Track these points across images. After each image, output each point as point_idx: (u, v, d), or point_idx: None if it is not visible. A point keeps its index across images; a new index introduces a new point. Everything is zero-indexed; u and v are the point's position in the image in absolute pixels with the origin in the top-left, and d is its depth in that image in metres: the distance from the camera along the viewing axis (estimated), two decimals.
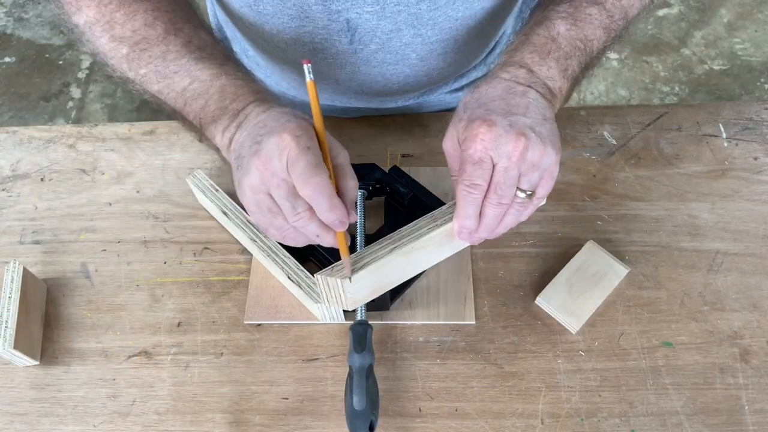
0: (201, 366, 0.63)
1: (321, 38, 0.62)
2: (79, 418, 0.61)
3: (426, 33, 0.62)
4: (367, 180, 0.67)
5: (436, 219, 0.54)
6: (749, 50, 2.11)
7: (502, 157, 0.46)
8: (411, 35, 0.62)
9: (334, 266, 0.52)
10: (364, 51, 0.63)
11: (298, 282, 0.62)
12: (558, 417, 0.59)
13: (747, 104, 0.80)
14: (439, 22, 0.61)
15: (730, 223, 0.70)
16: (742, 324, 0.64)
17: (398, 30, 0.61)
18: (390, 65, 0.66)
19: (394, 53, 0.64)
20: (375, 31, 0.61)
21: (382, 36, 0.61)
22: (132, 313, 0.66)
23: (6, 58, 2.18)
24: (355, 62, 0.65)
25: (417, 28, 0.61)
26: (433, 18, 0.60)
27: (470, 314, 0.64)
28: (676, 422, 0.59)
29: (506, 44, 0.55)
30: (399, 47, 0.63)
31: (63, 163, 0.77)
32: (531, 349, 0.63)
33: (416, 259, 0.55)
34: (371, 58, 0.64)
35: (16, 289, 0.62)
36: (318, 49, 0.63)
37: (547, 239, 0.69)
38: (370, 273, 0.52)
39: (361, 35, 0.61)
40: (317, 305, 0.61)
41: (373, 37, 0.62)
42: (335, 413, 0.60)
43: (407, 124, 0.79)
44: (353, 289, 0.53)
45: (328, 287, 0.54)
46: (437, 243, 0.55)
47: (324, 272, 0.52)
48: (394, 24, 0.60)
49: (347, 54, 0.64)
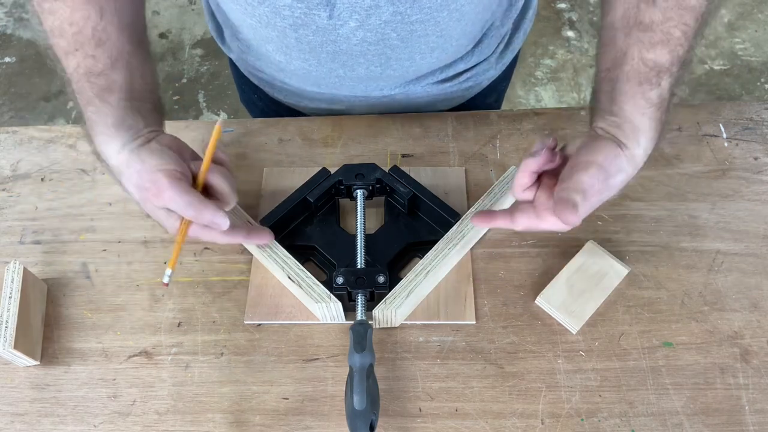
0: (201, 366, 0.63)
1: (300, 12, 0.62)
2: (80, 418, 0.61)
3: (406, 11, 0.62)
4: (367, 180, 0.68)
5: (452, 240, 0.65)
6: (749, 50, 2.11)
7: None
8: (390, 13, 0.62)
9: (386, 299, 0.61)
10: (343, 27, 0.64)
11: (299, 282, 0.62)
12: (558, 417, 0.59)
13: (747, 104, 0.80)
14: (418, 0, 0.61)
15: (731, 223, 0.70)
16: (742, 324, 0.64)
17: (377, 6, 0.61)
18: (371, 45, 0.66)
19: (374, 32, 0.64)
20: (354, 7, 0.61)
21: (361, 12, 0.62)
22: (132, 313, 0.66)
23: (6, 58, 2.18)
24: (336, 40, 0.66)
25: (396, 5, 0.61)
26: None
27: (470, 314, 0.64)
28: (677, 422, 0.59)
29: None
30: (378, 25, 0.64)
31: (63, 163, 0.78)
32: (531, 349, 0.63)
33: (439, 273, 0.65)
34: (351, 36, 0.65)
35: (17, 289, 0.62)
36: (298, 23, 0.64)
37: (547, 239, 0.69)
38: (415, 296, 0.63)
39: (340, 11, 0.62)
40: (317, 305, 0.61)
41: (352, 13, 0.62)
42: (335, 413, 0.60)
43: (407, 124, 0.79)
44: (402, 312, 0.63)
45: (382, 316, 0.62)
46: (455, 259, 0.67)
47: (379, 307, 0.61)
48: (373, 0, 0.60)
49: (327, 30, 0.64)
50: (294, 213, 0.68)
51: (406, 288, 0.61)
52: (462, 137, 0.78)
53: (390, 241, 0.67)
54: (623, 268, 0.66)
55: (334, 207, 0.71)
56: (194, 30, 2.22)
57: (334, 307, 0.61)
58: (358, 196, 0.68)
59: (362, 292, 0.62)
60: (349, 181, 0.68)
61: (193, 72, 2.12)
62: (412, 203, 0.68)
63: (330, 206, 0.70)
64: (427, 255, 0.63)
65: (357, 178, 0.68)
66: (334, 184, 0.68)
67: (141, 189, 0.57)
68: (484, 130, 0.78)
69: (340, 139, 0.79)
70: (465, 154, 0.76)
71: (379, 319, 0.63)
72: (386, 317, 0.62)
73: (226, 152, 0.64)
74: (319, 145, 0.78)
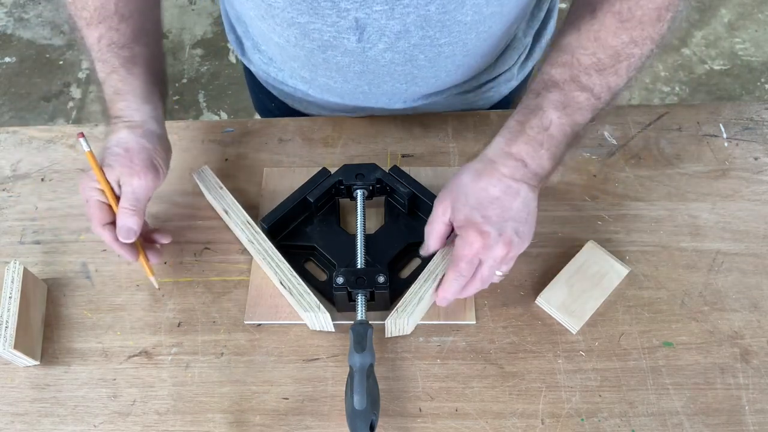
0: (201, 366, 0.63)
1: (330, 36, 0.62)
2: (80, 418, 0.61)
3: (435, 35, 0.62)
4: (367, 180, 0.68)
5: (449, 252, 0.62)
6: (750, 50, 2.11)
7: (489, 259, 0.58)
8: (419, 36, 0.62)
9: (397, 308, 0.60)
10: (372, 50, 0.64)
11: (290, 288, 0.62)
12: (558, 417, 0.59)
13: (747, 104, 0.80)
14: (448, 25, 0.61)
15: (731, 223, 0.70)
16: (742, 324, 0.64)
17: (407, 31, 0.61)
18: (398, 65, 0.66)
19: (402, 53, 0.65)
20: (383, 31, 0.61)
21: (391, 35, 0.62)
22: (132, 313, 0.66)
23: (6, 58, 2.18)
24: (364, 60, 0.66)
25: (426, 30, 0.61)
26: (442, 21, 0.61)
27: (471, 314, 0.64)
28: (677, 422, 0.59)
29: (504, 127, 0.62)
30: (407, 48, 0.64)
31: (63, 163, 0.77)
32: (531, 349, 0.63)
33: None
34: (379, 57, 0.65)
35: (17, 289, 0.62)
36: (327, 45, 0.64)
37: (547, 239, 0.69)
38: (425, 302, 0.62)
39: (370, 34, 0.62)
40: (306, 313, 0.61)
41: (382, 36, 0.62)
42: (335, 413, 0.60)
43: (407, 124, 0.79)
44: (414, 320, 0.63)
45: (395, 326, 0.62)
46: None
47: (392, 317, 0.60)
48: (402, 25, 0.61)
49: (356, 52, 0.65)
50: (294, 213, 0.68)
51: (417, 294, 0.61)
52: (462, 137, 0.78)
53: (390, 241, 0.67)
54: (623, 268, 0.66)
55: (334, 207, 0.71)
56: (194, 30, 2.22)
57: (323, 317, 0.61)
58: (358, 196, 0.68)
59: (362, 292, 0.62)
60: (349, 181, 0.68)
61: (193, 72, 2.12)
62: (412, 203, 0.68)
63: (330, 206, 0.70)
64: (434, 259, 0.63)
65: (357, 178, 0.68)
66: (334, 184, 0.68)
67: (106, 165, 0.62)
68: (484, 130, 0.78)
69: (341, 139, 0.79)
70: (465, 154, 0.76)
71: (392, 329, 0.62)
72: (399, 326, 0.62)
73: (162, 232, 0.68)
74: (319, 145, 0.78)
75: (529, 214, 0.59)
